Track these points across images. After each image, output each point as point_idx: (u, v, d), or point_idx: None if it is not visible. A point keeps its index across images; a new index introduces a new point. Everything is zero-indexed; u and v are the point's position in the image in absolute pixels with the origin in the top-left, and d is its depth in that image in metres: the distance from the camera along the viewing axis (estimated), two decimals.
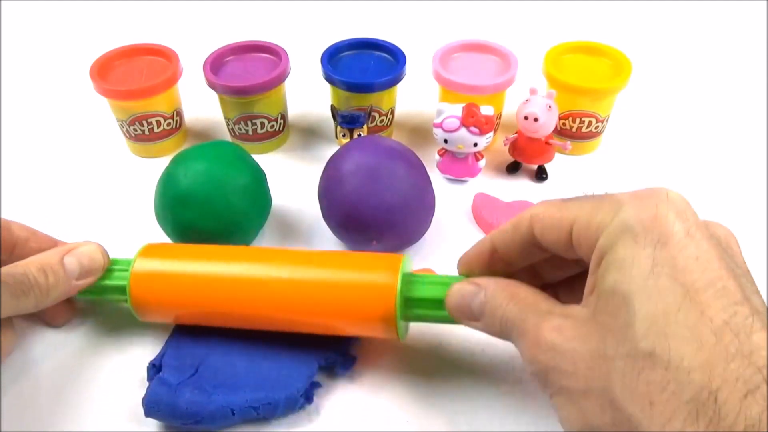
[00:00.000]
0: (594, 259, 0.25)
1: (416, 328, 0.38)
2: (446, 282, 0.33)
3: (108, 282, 0.36)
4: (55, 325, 0.39)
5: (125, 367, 0.37)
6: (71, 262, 0.35)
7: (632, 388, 0.21)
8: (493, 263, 0.31)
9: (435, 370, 0.36)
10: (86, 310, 0.40)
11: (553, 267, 0.32)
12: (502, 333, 0.28)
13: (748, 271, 0.25)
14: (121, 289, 0.36)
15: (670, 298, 0.22)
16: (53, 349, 0.38)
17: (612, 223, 0.24)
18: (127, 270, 0.36)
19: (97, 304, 0.40)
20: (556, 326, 0.25)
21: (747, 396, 0.20)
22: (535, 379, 0.26)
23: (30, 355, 0.38)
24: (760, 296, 0.23)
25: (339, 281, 0.34)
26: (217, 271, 0.35)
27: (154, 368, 0.36)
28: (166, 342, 0.37)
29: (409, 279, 0.34)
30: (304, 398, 0.34)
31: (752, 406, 0.19)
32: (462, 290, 0.30)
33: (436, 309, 0.32)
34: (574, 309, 0.26)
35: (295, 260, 0.35)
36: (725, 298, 0.21)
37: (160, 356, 0.36)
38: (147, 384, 0.35)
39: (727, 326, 0.21)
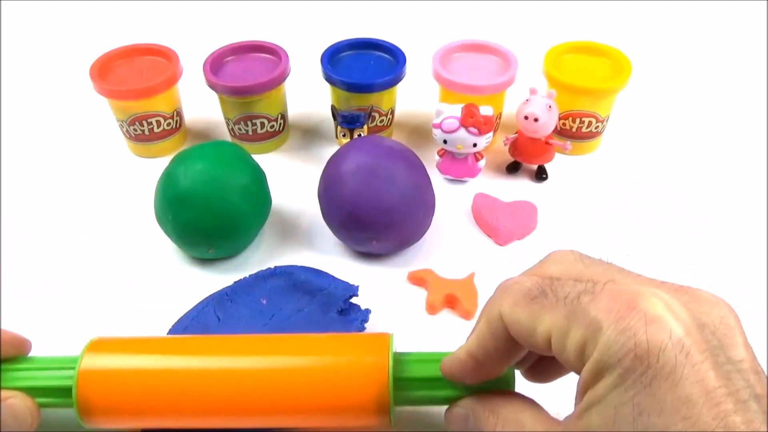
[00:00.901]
0: (579, 390, 0.23)
1: None
2: (436, 359, 0.29)
3: (49, 383, 0.30)
4: None
5: None
6: None
7: None
8: (477, 375, 0.28)
9: None
10: None
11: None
12: None
13: (753, 358, 0.22)
14: (65, 391, 0.30)
15: None
16: None
17: (593, 356, 0.22)
18: (73, 367, 0.30)
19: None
20: None
21: None
22: None
23: None
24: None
25: (324, 372, 0.29)
26: (182, 366, 0.30)
27: None
28: None
29: (399, 365, 0.30)
30: None
31: None
32: (456, 416, 0.29)
33: (430, 390, 0.30)
34: None
35: (271, 350, 0.31)
36: None
37: None
38: None
39: None
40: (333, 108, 0.50)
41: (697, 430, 0.19)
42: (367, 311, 0.39)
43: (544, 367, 0.30)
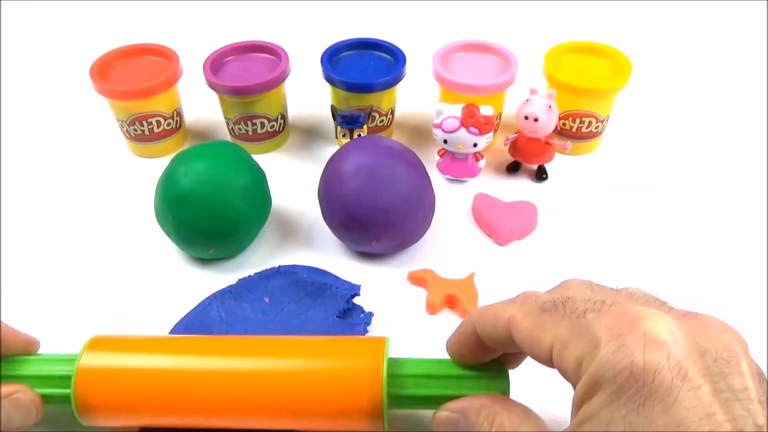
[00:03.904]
0: (575, 404, 0.23)
1: None
2: (431, 373, 0.30)
3: (48, 390, 0.31)
4: None
5: None
6: None
7: None
8: (477, 348, 0.29)
9: None
10: None
11: None
12: None
13: (758, 388, 0.21)
14: (64, 394, 0.31)
15: None
16: None
17: (588, 370, 0.22)
18: (72, 364, 0.31)
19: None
20: None
21: None
22: None
23: None
24: None
25: (319, 375, 0.30)
26: (179, 366, 0.30)
27: None
28: None
29: (393, 368, 0.30)
30: None
31: None
32: (444, 420, 0.29)
33: (425, 391, 0.30)
34: None
35: (267, 351, 0.31)
36: None
37: None
38: None
39: None
40: (333, 108, 0.50)
41: None
42: (370, 314, 0.39)
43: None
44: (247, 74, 0.51)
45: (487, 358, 0.30)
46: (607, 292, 0.26)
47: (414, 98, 0.58)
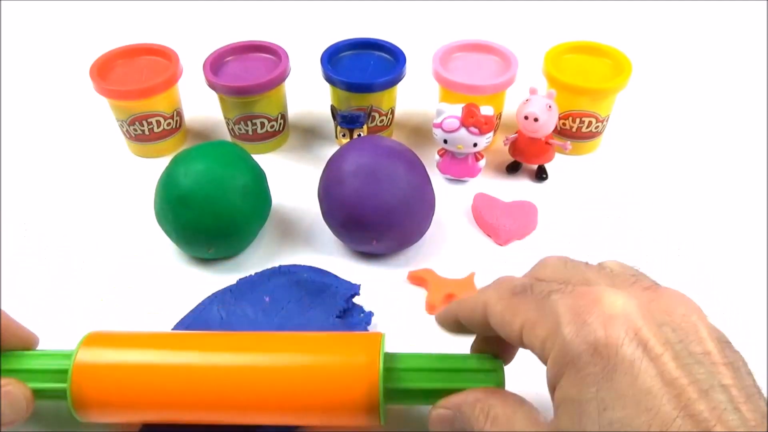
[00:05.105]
0: (549, 384, 0.24)
1: None
2: (427, 367, 0.30)
3: (42, 384, 0.31)
4: None
5: None
6: None
7: None
8: (460, 330, 0.31)
9: None
10: None
11: None
12: None
13: (721, 350, 0.22)
14: (60, 389, 0.30)
15: None
16: None
17: (553, 352, 0.23)
18: (68, 359, 0.31)
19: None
20: None
21: None
22: None
23: None
24: (735, 408, 0.20)
25: (314, 371, 0.30)
26: (174, 361, 0.30)
27: None
28: None
29: (389, 363, 0.30)
30: None
31: None
32: (439, 417, 0.29)
33: (421, 398, 0.30)
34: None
35: (264, 347, 0.31)
36: None
37: None
38: None
39: None
40: (333, 108, 0.50)
41: (659, 421, 0.20)
42: (370, 314, 0.39)
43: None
44: (247, 74, 0.51)
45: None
46: (578, 269, 0.27)
47: (414, 98, 0.58)
